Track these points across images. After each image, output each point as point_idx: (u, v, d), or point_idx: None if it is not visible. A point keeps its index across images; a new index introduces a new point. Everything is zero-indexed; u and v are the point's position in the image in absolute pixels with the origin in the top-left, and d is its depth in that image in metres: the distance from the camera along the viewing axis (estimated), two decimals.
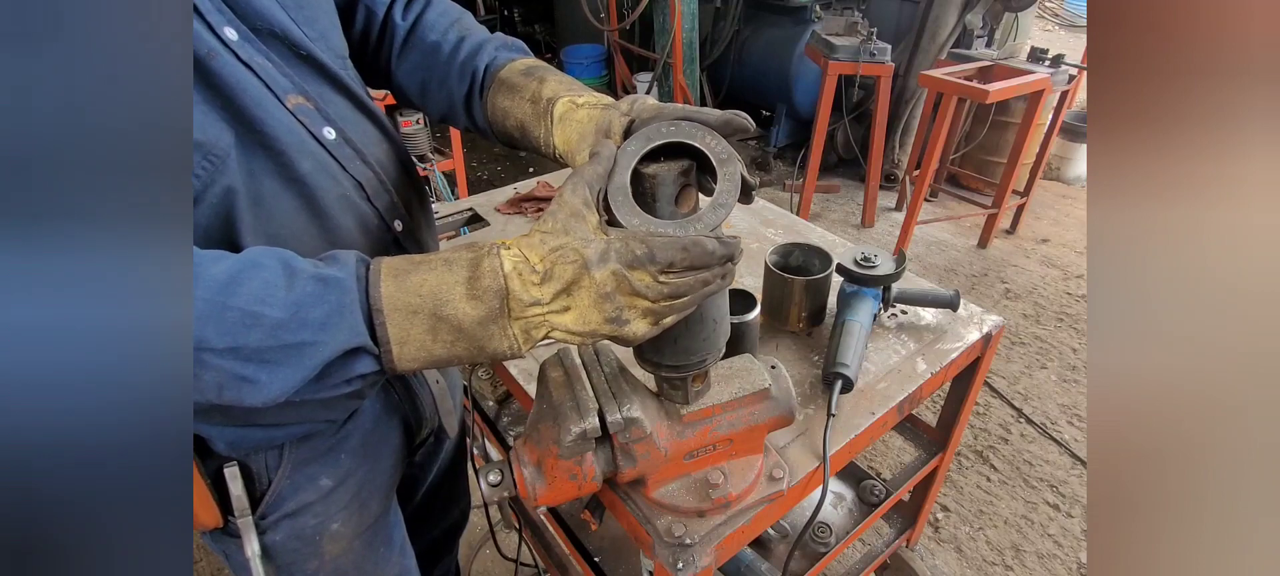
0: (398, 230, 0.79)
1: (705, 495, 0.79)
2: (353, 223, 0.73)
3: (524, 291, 0.55)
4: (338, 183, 0.71)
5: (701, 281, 0.56)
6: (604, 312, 0.56)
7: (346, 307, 0.52)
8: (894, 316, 1.16)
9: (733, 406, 0.77)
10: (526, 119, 0.76)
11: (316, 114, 0.69)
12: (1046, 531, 2.00)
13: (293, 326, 0.50)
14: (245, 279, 0.50)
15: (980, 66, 3.16)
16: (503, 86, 0.79)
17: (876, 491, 1.32)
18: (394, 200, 0.79)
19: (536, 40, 7.69)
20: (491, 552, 1.95)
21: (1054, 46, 3.30)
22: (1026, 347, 2.79)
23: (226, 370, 0.49)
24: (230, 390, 0.50)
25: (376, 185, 0.76)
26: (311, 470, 0.81)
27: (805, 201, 3.75)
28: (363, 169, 0.74)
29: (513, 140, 0.81)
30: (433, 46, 0.83)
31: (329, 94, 0.73)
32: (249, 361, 0.50)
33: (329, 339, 0.51)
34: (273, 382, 0.51)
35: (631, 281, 0.55)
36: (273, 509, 0.80)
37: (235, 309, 0.49)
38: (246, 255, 0.52)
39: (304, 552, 0.84)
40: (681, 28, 3.95)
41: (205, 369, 0.49)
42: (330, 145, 0.70)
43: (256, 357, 0.50)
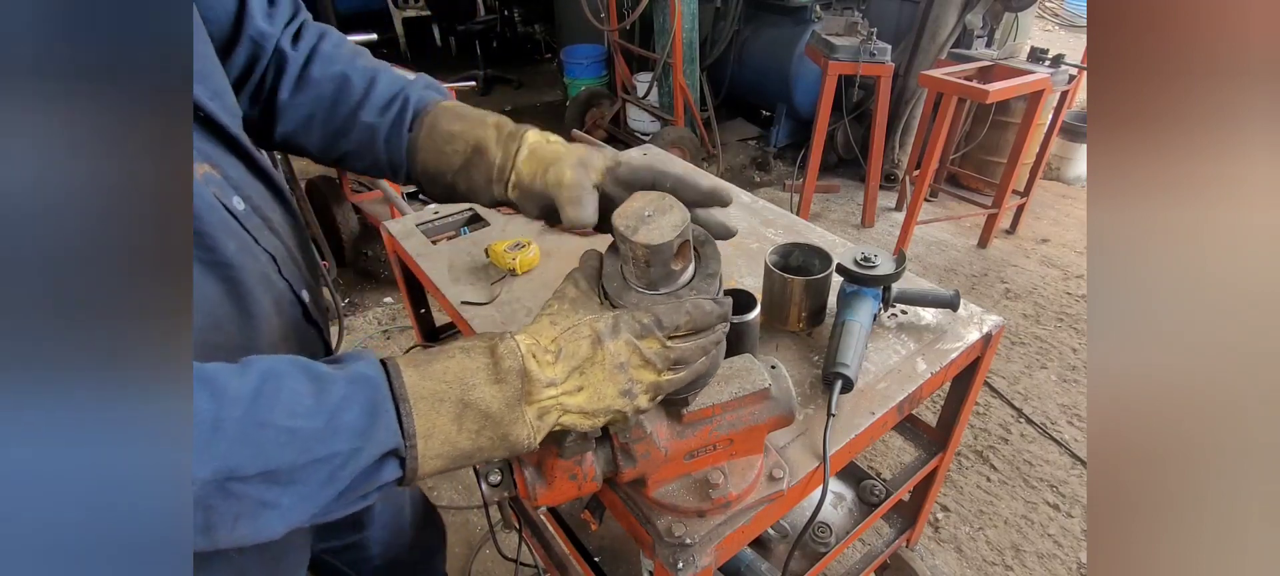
0: (305, 300, 0.74)
1: (705, 495, 0.79)
2: (270, 302, 0.67)
3: (540, 371, 0.54)
4: (256, 260, 0.65)
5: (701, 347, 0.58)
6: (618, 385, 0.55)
7: (380, 405, 0.48)
8: (894, 316, 1.16)
9: (733, 406, 0.77)
10: (483, 143, 0.72)
11: (225, 183, 0.63)
12: (1046, 531, 2.00)
13: (327, 436, 0.46)
14: (273, 392, 0.45)
15: (980, 66, 3.16)
16: (447, 113, 0.74)
17: (876, 491, 1.32)
18: (300, 269, 0.74)
19: (536, 40, 7.70)
20: (491, 552, 1.95)
21: (1054, 46, 3.30)
22: (1026, 347, 2.79)
23: (252, 497, 0.44)
24: (245, 521, 0.44)
25: (284, 255, 0.71)
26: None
27: (805, 201, 3.75)
28: (272, 239, 0.69)
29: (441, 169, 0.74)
30: (339, 77, 0.76)
31: (229, 160, 0.65)
32: (281, 483, 0.44)
33: (365, 445, 0.47)
34: (295, 507, 0.46)
35: (642, 350, 0.55)
36: None
37: (271, 426, 0.44)
38: (259, 365, 0.46)
39: None
40: (681, 28, 3.95)
41: (230, 499, 0.43)
42: (241, 216, 0.64)
43: (291, 478, 0.45)
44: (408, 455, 0.49)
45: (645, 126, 4.73)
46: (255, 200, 0.67)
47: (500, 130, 0.73)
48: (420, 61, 7.09)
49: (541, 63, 7.53)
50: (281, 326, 0.69)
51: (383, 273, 3.33)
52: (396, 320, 3.01)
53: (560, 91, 6.10)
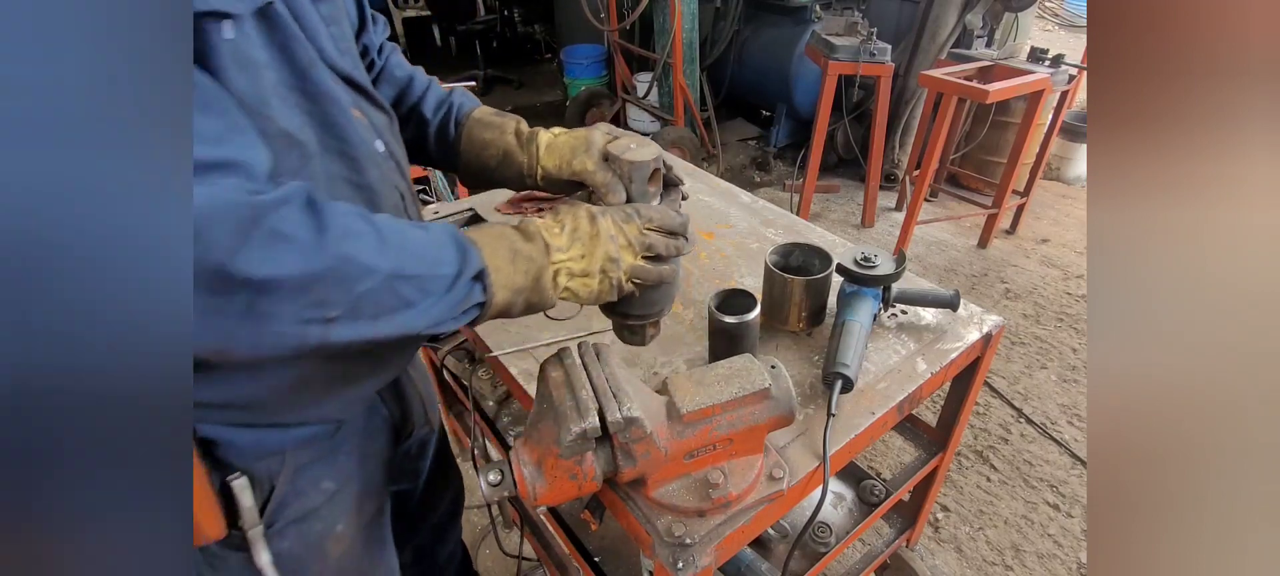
0: None
1: (705, 495, 0.79)
2: None
3: (553, 239, 0.72)
4: (390, 192, 0.79)
5: (667, 245, 0.76)
6: (608, 251, 0.73)
7: (463, 245, 0.66)
8: (894, 316, 1.16)
9: (733, 406, 0.77)
10: (511, 148, 0.93)
11: (370, 128, 0.77)
12: (1046, 531, 2.00)
13: (440, 261, 0.63)
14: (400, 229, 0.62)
15: (980, 66, 3.16)
16: (479, 123, 0.95)
17: (876, 491, 1.32)
18: (418, 210, 0.89)
19: (536, 40, 7.70)
20: (492, 551, 1.95)
21: (1054, 46, 3.30)
22: (1026, 347, 2.79)
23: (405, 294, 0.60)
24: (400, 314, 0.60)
25: (410, 197, 0.87)
26: (313, 473, 0.82)
27: (805, 201, 3.75)
28: (402, 181, 0.84)
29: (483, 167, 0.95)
30: (406, 80, 0.97)
31: (373, 112, 0.79)
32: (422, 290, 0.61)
33: (463, 268, 0.64)
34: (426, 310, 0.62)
35: (625, 231, 0.74)
36: (278, 515, 0.80)
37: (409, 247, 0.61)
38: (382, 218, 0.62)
39: (309, 558, 0.85)
40: (681, 28, 3.95)
41: (393, 293, 0.59)
42: (380, 159, 0.78)
43: (421, 285, 0.61)
44: (487, 281, 0.66)
45: (645, 126, 4.73)
46: (392, 147, 0.82)
47: (520, 137, 0.94)
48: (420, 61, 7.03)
49: (541, 63, 7.53)
50: None
51: None
52: None
53: (560, 91, 6.10)
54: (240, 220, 0.49)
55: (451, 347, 1.54)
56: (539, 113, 5.94)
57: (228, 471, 0.74)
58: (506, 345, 1.11)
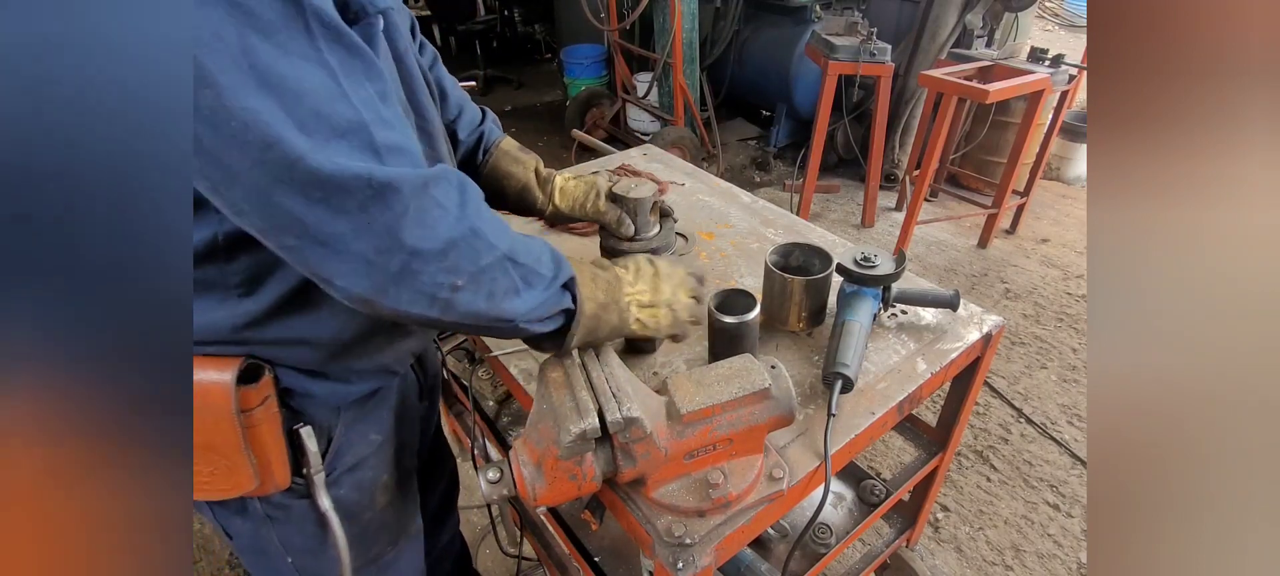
0: None
1: (705, 495, 0.79)
2: None
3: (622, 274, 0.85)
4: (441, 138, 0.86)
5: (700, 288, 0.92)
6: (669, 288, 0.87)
7: (554, 251, 0.74)
8: (894, 316, 1.16)
9: (733, 406, 0.77)
10: (530, 184, 1.07)
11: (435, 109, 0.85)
12: (1046, 531, 2.00)
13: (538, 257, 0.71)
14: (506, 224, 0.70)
15: (980, 66, 3.16)
16: (506, 155, 1.06)
17: (876, 491, 1.32)
18: None
19: (536, 40, 7.69)
20: (492, 550, 1.95)
21: (1054, 46, 3.29)
22: (1026, 347, 2.79)
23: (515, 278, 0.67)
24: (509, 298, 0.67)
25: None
26: (362, 426, 0.89)
27: (805, 201, 3.75)
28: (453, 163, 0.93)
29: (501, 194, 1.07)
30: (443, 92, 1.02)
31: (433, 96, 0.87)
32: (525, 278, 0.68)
33: (558, 272, 0.73)
34: (528, 297, 0.69)
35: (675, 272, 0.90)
36: (336, 464, 0.86)
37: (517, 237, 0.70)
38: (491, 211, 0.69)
39: (362, 503, 0.92)
40: (681, 28, 3.95)
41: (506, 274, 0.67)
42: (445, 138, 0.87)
43: (527, 274, 0.69)
44: (576, 289, 0.75)
45: (645, 126, 4.72)
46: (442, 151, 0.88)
47: (539, 176, 1.08)
48: None
49: (541, 63, 7.53)
50: None
51: None
52: None
53: (560, 91, 6.10)
54: (414, 191, 0.58)
55: (452, 347, 1.54)
56: (539, 113, 5.93)
57: (296, 421, 0.80)
58: (506, 345, 1.11)
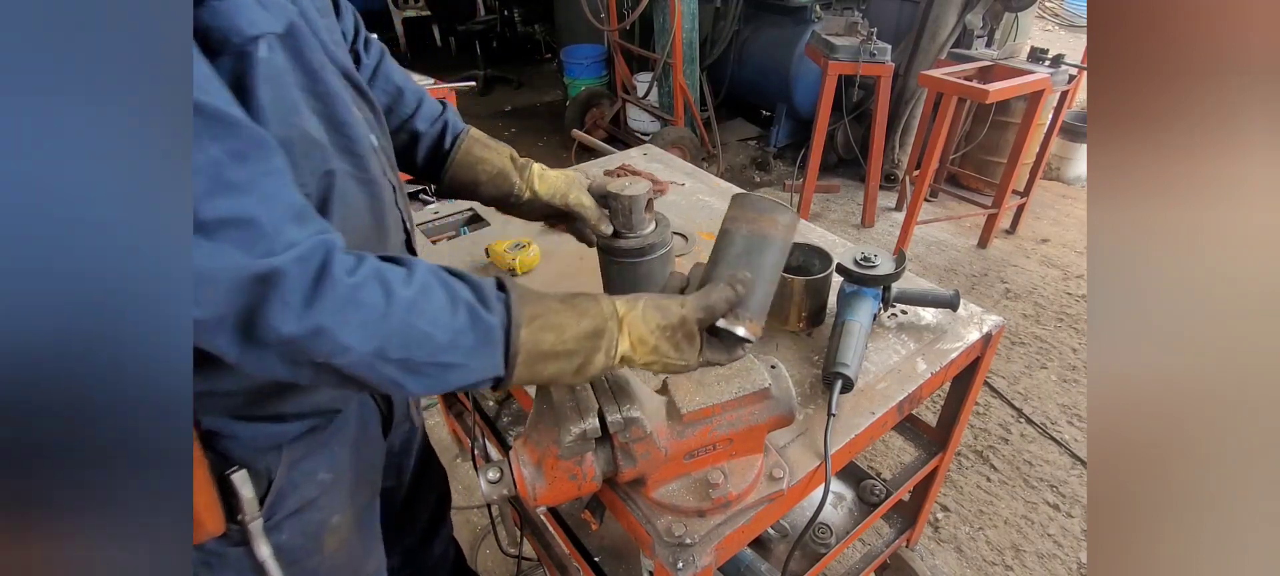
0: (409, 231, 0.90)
1: (705, 495, 0.79)
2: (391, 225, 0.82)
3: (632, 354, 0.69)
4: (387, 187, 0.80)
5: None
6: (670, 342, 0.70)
7: (494, 344, 0.63)
8: (894, 316, 1.16)
9: (733, 406, 0.77)
10: (506, 168, 0.99)
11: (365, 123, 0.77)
12: (1046, 531, 2.00)
13: (449, 348, 0.60)
14: (424, 302, 0.59)
15: (980, 66, 3.16)
16: (478, 141, 1.00)
17: (876, 491, 1.32)
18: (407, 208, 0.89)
19: (536, 40, 7.69)
20: (492, 550, 1.95)
21: (1054, 46, 3.29)
22: (1026, 347, 2.79)
23: (389, 376, 0.59)
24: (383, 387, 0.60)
25: (401, 190, 0.87)
26: (308, 465, 0.82)
27: (805, 201, 3.75)
28: (395, 177, 0.85)
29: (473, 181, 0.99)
30: (397, 89, 0.96)
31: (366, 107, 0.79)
32: (410, 371, 0.59)
33: (475, 365, 0.62)
34: (418, 388, 0.61)
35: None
36: (277, 508, 0.80)
37: (417, 329, 0.58)
38: (419, 276, 0.61)
39: (307, 548, 0.85)
40: (681, 28, 3.95)
41: (376, 372, 0.58)
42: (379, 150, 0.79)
43: (418, 370, 0.59)
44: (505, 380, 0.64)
45: (645, 126, 4.72)
46: (382, 142, 0.82)
47: (515, 161, 1.01)
48: (420, 61, 7.09)
49: (541, 63, 7.53)
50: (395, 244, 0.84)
51: None
52: None
53: (560, 91, 6.10)
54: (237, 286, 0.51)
55: None
56: (539, 112, 5.93)
57: (228, 465, 0.75)
58: None
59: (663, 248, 1.02)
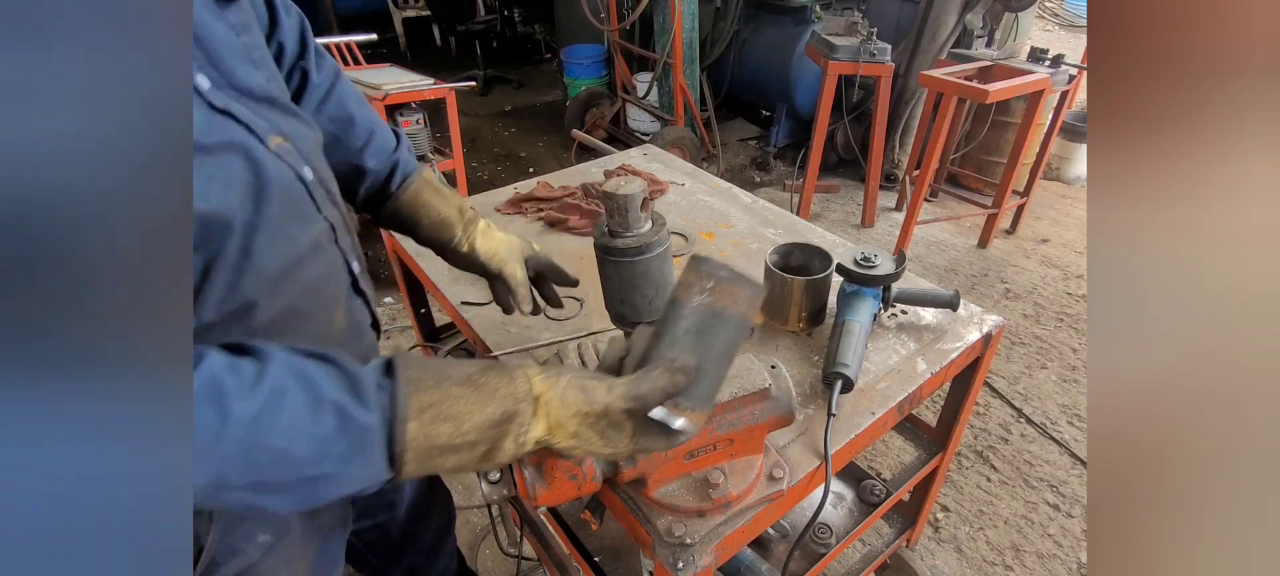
0: (355, 271, 0.81)
1: (705, 495, 0.79)
2: (321, 270, 0.73)
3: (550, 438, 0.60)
4: (311, 228, 0.70)
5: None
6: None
7: (371, 447, 0.53)
8: (894, 316, 1.16)
9: (733, 406, 0.77)
10: (451, 218, 0.94)
11: (296, 153, 0.68)
12: (1046, 531, 2.00)
13: (316, 461, 0.51)
14: (273, 413, 0.49)
15: (980, 66, 3.16)
16: (429, 186, 0.94)
17: (876, 491, 1.32)
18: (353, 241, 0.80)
19: (536, 40, 7.70)
20: (492, 550, 1.95)
21: (1054, 46, 3.29)
22: (1026, 347, 2.79)
23: (243, 500, 0.50)
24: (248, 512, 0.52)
25: (342, 226, 0.78)
26: (247, 528, 0.75)
27: (805, 201, 3.75)
28: (333, 210, 0.75)
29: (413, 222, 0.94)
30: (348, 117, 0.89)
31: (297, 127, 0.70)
32: (267, 492, 0.50)
33: (349, 473, 0.52)
34: (284, 506, 0.52)
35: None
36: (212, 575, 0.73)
37: (265, 447, 0.49)
38: (270, 378, 0.50)
39: None
40: (681, 28, 3.95)
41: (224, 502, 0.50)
42: (310, 185, 0.70)
43: (277, 489, 0.50)
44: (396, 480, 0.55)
45: (645, 126, 4.72)
46: (321, 172, 0.74)
47: (463, 215, 0.95)
48: (420, 61, 7.09)
49: (541, 63, 7.53)
50: (330, 294, 0.77)
51: (383, 273, 3.33)
52: (397, 320, 3.01)
53: (560, 91, 6.10)
54: None
55: (451, 348, 1.54)
56: (539, 112, 5.93)
57: None
58: (507, 345, 1.11)
59: (659, 246, 1.01)
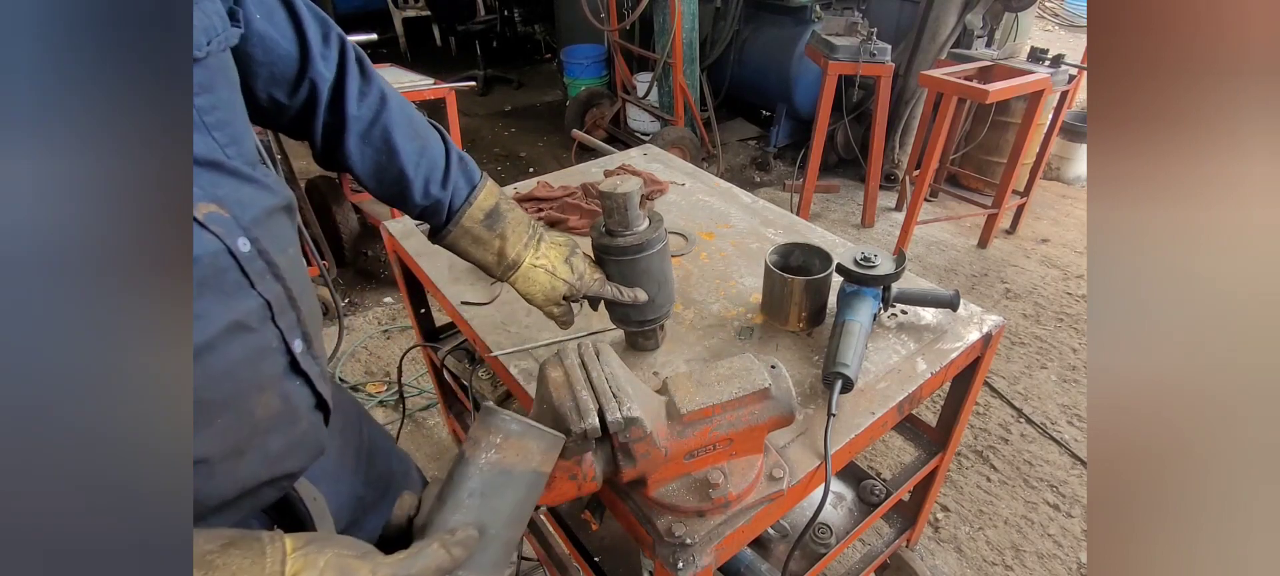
0: (296, 351, 0.71)
1: (705, 495, 0.79)
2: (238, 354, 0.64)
3: None
4: (234, 307, 0.63)
5: None
6: None
7: None
8: (894, 316, 1.16)
9: (733, 406, 0.77)
10: (491, 266, 0.94)
11: (231, 222, 0.61)
12: (1046, 531, 2.00)
13: None
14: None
15: (980, 66, 3.16)
16: (467, 235, 0.91)
17: (876, 491, 1.32)
18: (300, 316, 0.72)
19: (536, 40, 7.69)
20: None
21: (1054, 46, 3.30)
22: (1026, 347, 2.79)
23: None
24: None
25: (284, 302, 0.69)
26: None
27: (805, 201, 3.75)
28: (273, 285, 0.67)
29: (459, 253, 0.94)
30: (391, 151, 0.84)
31: (244, 192, 0.64)
32: None
33: None
34: None
35: None
36: None
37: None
38: None
39: None
40: (681, 28, 3.95)
41: None
42: (242, 259, 0.62)
43: None
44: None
45: (645, 126, 4.73)
46: (265, 240, 0.65)
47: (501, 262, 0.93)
48: (420, 61, 7.09)
49: (541, 63, 7.53)
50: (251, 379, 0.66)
51: (383, 272, 3.33)
52: (396, 320, 3.01)
53: (560, 91, 6.10)
54: None
55: (452, 348, 1.54)
56: (539, 112, 5.93)
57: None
58: (507, 345, 1.11)
59: (658, 243, 1.01)
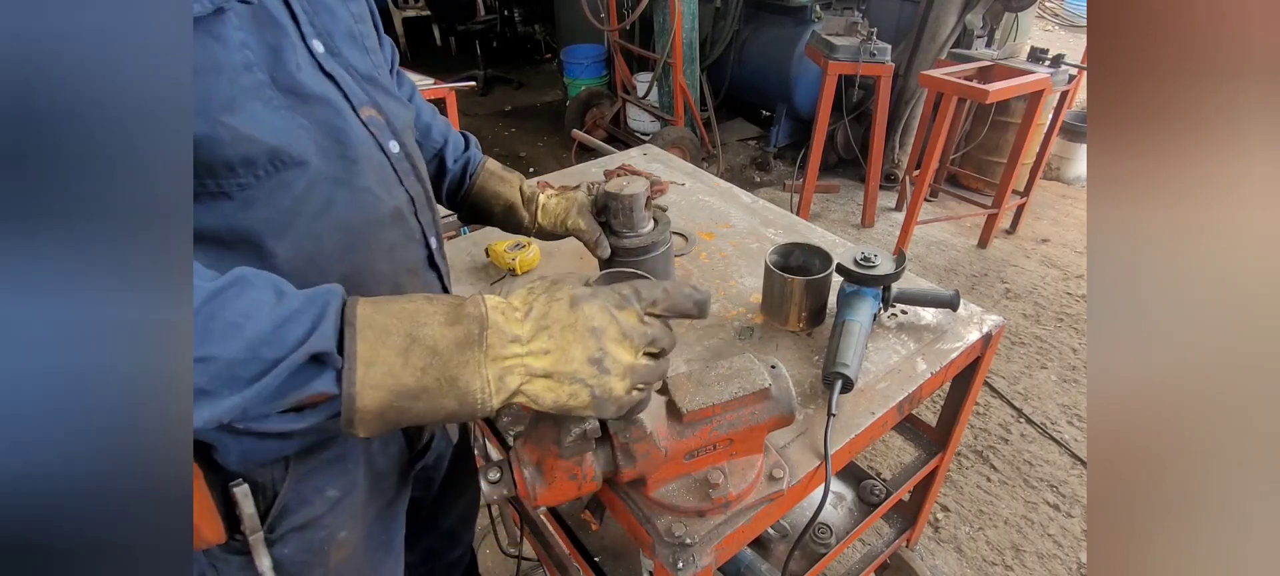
0: (433, 247, 0.86)
1: (705, 495, 0.79)
2: (398, 237, 0.79)
3: (505, 324, 0.56)
4: (391, 198, 0.76)
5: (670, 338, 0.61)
6: (588, 350, 0.56)
7: (325, 317, 0.52)
8: (894, 316, 1.16)
9: (733, 406, 0.77)
10: (516, 204, 1.07)
11: (386, 127, 0.76)
12: (1046, 531, 2.00)
13: (271, 341, 0.49)
14: (236, 293, 0.49)
15: (980, 66, 3.16)
16: (492, 175, 1.08)
17: (876, 491, 1.32)
18: (433, 216, 0.86)
19: (536, 40, 7.70)
20: (493, 550, 1.95)
21: (1054, 46, 3.30)
22: (1026, 347, 2.79)
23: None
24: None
25: (423, 201, 0.83)
26: (317, 481, 0.79)
27: (805, 201, 3.75)
28: (416, 184, 0.81)
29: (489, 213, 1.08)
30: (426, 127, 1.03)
31: (392, 105, 0.78)
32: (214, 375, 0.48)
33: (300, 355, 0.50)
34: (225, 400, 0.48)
35: (619, 320, 0.57)
36: (280, 522, 0.78)
37: (219, 319, 0.48)
38: (239, 272, 0.51)
39: (310, 562, 0.83)
40: (681, 28, 3.95)
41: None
42: (394, 159, 0.76)
43: (224, 372, 0.48)
44: (345, 377, 0.52)
45: (645, 126, 4.72)
46: (408, 148, 0.80)
47: (522, 193, 1.08)
48: (420, 61, 7.08)
49: (541, 63, 7.53)
50: (401, 264, 0.80)
51: None
52: None
53: (560, 91, 6.10)
54: None
55: None
56: (539, 112, 5.93)
57: (229, 477, 0.72)
58: None
59: (663, 245, 1.02)
